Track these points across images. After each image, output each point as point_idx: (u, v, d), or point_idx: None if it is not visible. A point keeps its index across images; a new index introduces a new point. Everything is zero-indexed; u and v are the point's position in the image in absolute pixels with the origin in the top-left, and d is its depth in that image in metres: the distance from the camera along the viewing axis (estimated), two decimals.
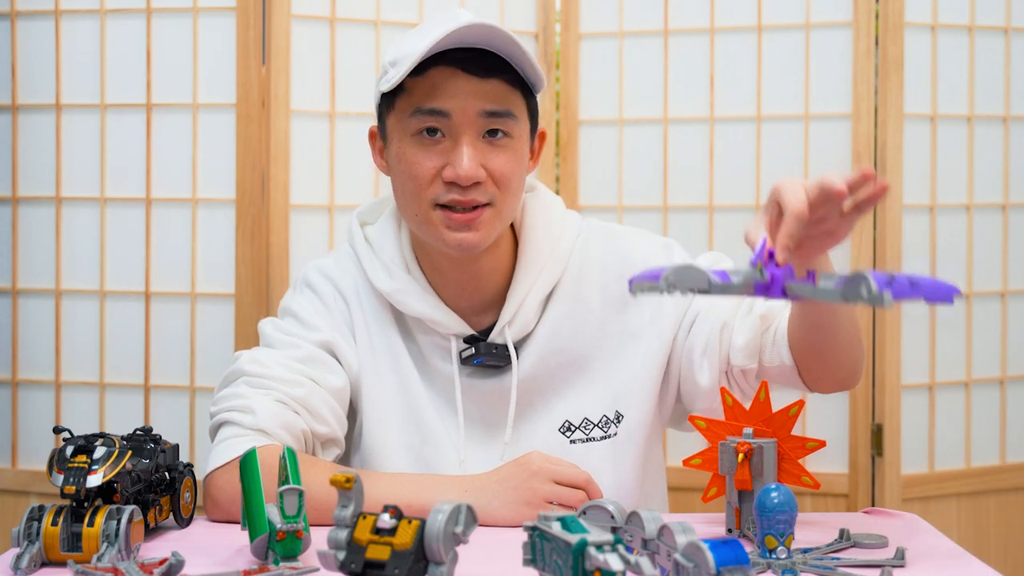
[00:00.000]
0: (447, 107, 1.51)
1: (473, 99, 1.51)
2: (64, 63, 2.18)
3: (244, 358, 1.55)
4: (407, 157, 1.53)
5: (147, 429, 1.37)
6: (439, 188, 1.52)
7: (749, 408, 1.38)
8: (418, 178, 1.52)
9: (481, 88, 1.51)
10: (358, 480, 1.08)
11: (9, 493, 2.20)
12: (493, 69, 1.52)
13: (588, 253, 1.64)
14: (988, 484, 2.28)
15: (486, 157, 1.52)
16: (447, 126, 1.51)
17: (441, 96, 1.51)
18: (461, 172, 1.50)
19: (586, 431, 1.59)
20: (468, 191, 1.51)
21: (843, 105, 2.19)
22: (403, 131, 1.54)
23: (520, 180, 1.57)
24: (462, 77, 1.51)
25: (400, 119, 1.54)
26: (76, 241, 2.18)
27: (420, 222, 1.54)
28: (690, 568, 0.98)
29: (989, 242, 2.27)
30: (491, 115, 1.52)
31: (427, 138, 1.52)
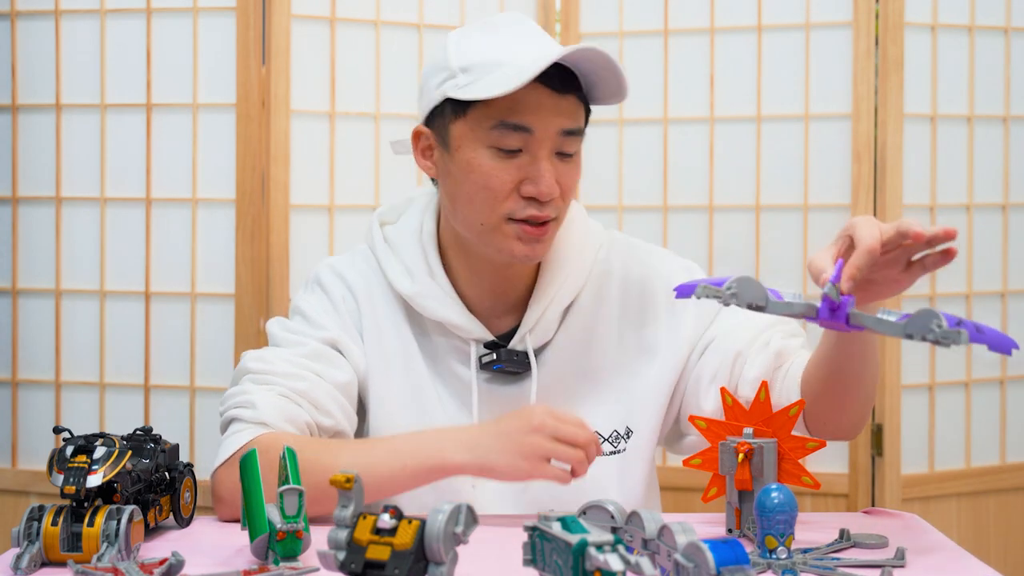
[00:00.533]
0: (530, 123, 1.49)
1: (554, 116, 1.50)
2: (64, 63, 2.18)
3: (248, 357, 1.55)
4: (484, 169, 1.50)
5: (147, 429, 1.37)
6: (516, 203, 1.50)
7: (749, 408, 1.38)
8: (495, 190, 1.50)
9: (560, 105, 1.50)
10: (358, 480, 1.08)
11: (9, 493, 2.20)
12: (569, 85, 1.51)
13: (610, 265, 1.63)
14: (988, 484, 2.28)
15: (560, 172, 1.51)
16: (528, 142, 1.49)
17: (525, 112, 1.49)
18: (543, 189, 1.49)
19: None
20: (545, 207, 1.51)
21: (843, 105, 2.19)
22: (477, 140, 1.51)
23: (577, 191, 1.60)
24: (545, 93, 1.49)
25: (475, 128, 1.51)
26: (76, 241, 2.18)
27: (485, 231, 1.52)
28: (690, 568, 0.98)
29: (989, 242, 2.27)
30: (568, 133, 1.51)
31: (506, 153, 1.50)
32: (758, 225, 2.23)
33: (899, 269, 1.31)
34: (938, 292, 2.23)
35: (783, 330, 1.55)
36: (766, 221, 2.23)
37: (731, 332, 1.56)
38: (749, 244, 2.23)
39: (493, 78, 1.47)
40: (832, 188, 2.20)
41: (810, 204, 2.21)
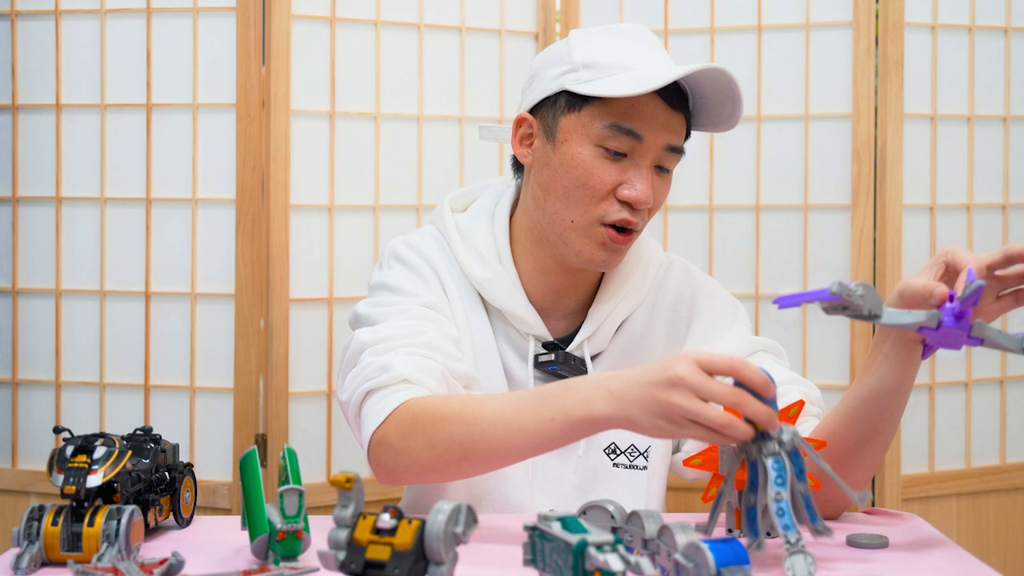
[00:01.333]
0: (642, 131, 1.51)
1: (664, 131, 1.52)
2: (64, 63, 2.18)
3: (359, 335, 1.51)
4: (587, 165, 1.51)
5: (147, 429, 1.37)
6: (611, 205, 1.52)
7: None
8: (594, 189, 1.51)
9: (671, 120, 1.52)
10: (358, 480, 1.08)
11: (9, 493, 2.20)
12: (682, 103, 1.53)
13: (666, 286, 1.66)
14: (988, 484, 2.28)
15: (655, 186, 1.53)
16: (635, 148, 1.51)
17: (639, 119, 1.50)
18: (641, 196, 1.50)
19: (631, 457, 1.60)
20: (636, 214, 1.52)
21: (843, 105, 2.19)
22: (586, 137, 1.52)
23: None
24: (660, 105, 1.51)
25: (587, 124, 1.52)
26: (76, 241, 2.18)
27: (574, 229, 1.52)
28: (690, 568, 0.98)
29: (989, 242, 2.27)
30: (671, 150, 1.53)
31: (612, 155, 1.51)
32: (758, 225, 2.23)
33: (990, 299, 1.30)
34: None
35: (802, 391, 1.53)
36: (766, 221, 2.23)
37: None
38: (749, 244, 2.23)
39: (618, 79, 1.49)
40: (832, 188, 2.20)
41: (810, 204, 2.21)
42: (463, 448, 1.33)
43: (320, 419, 2.17)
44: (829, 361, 2.20)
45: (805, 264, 2.21)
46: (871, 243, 2.18)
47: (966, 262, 1.26)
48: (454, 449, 1.34)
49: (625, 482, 1.58)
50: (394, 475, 1.41)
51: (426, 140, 2.22)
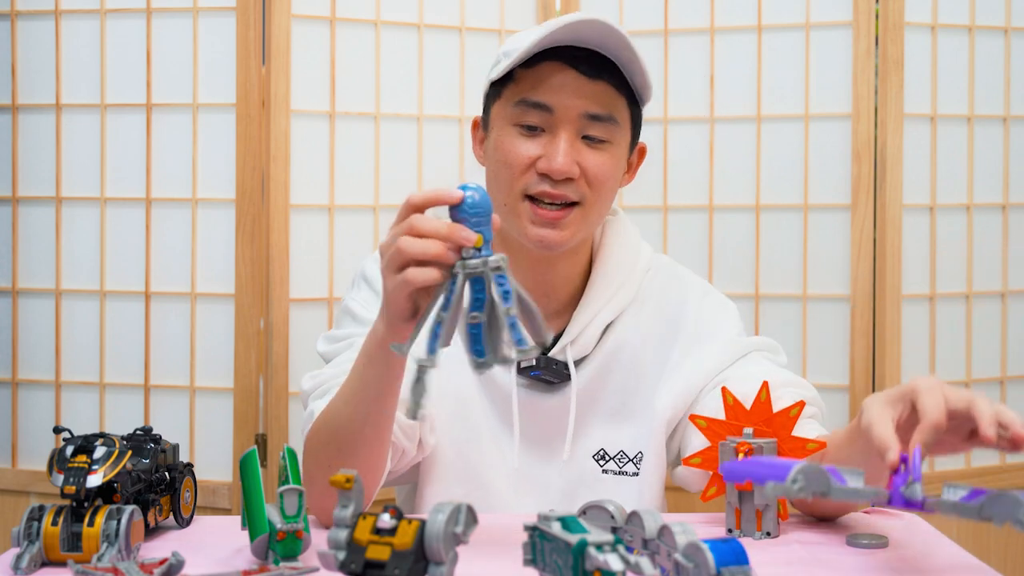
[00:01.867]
0: (550, 101, 1.51)
1: (578, 98, 1.51)
2: (64, 63, 2.18)
3: (304, 380, 1.57)
4: (504, 145, 1.53)
5: (147, 429, 1.37)
6: (531, 178, 1.52)
7: (750, 408, 1.38)
8: (512, 166, 1.52)
9: (587, 88, 1.52)
10: (358, 480, 1.08)
11: (9, 493, 2.20)
12: (602, 71, 1.52)
13: (654, 288, 1.64)
14: (988, 484, 2.26)
15: (582, 155, 1.52)
16: (548, 121, 1.52)
17: (546, 90, 1.51)
18: (555, 165, 1.50)
19: (620, 463, 1.59)
20: (559, 185, 1.51)
21: (843, 105, 2.19)
22: (505, 119, 1.54)
23: (613, 186, 1.57)
24: (571, 74, 1.51)
25: (504, 107, 1.55)
26: (76, 241, 2.18)
27: (507, 212, 1.53)
28: (690, 568, 0.98)
29: (989, 242, 2.27)
30: (593, 118, 1.52)
31: (527, 131, 1.53)
32: (758, 225, 2.23)
33: (960, 438, 1.23)
34: (939, 292, 2.23)
35: (797, 392, 1.50)
36: (766, 221, 2.23)
37: (745, 379, 1.51)
38: (749, 244, 2.23)
39: (515, 56, 1.50)
40: (832, 188, 2.20)
41: (810, 204, 2.21)
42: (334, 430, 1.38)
43: None
44: (829, 361, 2.20)
45: (805, 264, 2.21)
46: (871, 243, 2.18)
47: (928, 414, 1.17)
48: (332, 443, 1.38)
49: (615, 489, 1.56)
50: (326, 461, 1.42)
51: (426, 140, 2.22)
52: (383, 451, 1.41)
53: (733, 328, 1.62)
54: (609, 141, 1.53)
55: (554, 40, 1.50)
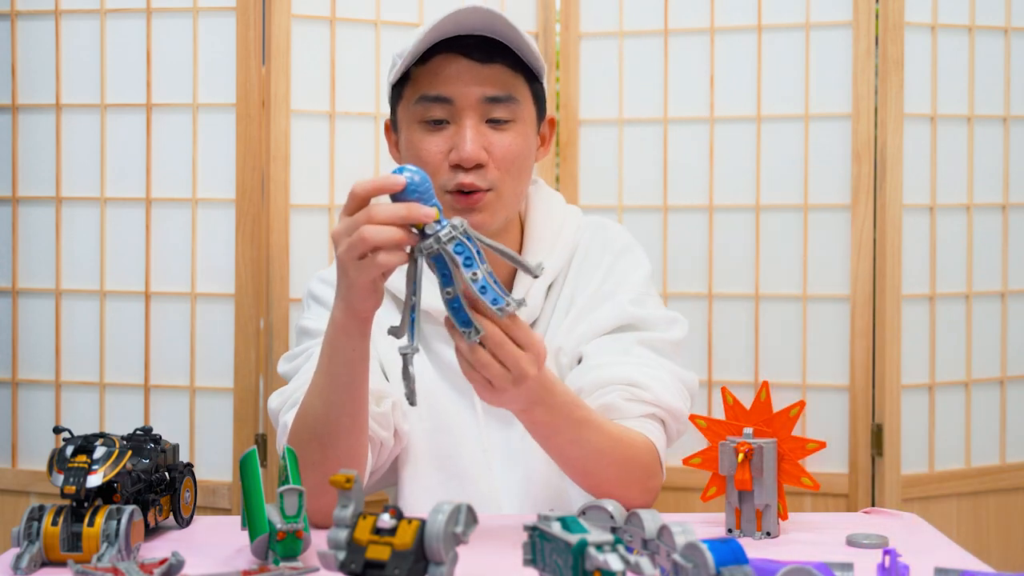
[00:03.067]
0: (449, 93, 1.54)
1: (475, 84, 1.54)
2: (64, 63, 2.18)
3: (271, 399, 1.60)
4: (415, 143, 1.57)
5: (147, 429, 1.37)
6: (447, 174, 1.55)
7: (750, 408, 1.38)
8: (426, 163, 1.55)
9: (482, 73, 1.55)
10: (358, 480, 1.08)
11: (9, 493, 2.20)
12: (494, 54, 1.55)
13: (584, 243, 1.70)
14: (988, 484, 2.28)
15: (489, 139, 1.55)
16: (450, 112, 1.55)
17: (443, 82, 1.55)
18: (464, 155, 1.53)
19: None
20: (471, 174, 1.53)
21: (843, 105, 2.19)
22: (410, 119, 1.57)
23: (526, 163, 1.60)
24: (464, 63, 1.54)
25: (407, 107, 1.58)
26: (76, 241, 2.18)
27: None
28: (690, 568, 0.98)
29: (989, 242, 2.27)
30: (493, 100, 1.55)
31: (432, 126, 1.55)
32: (758, 225, 2.23)
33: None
34: (938, 292, 2.23)
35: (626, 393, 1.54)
36: (766, 221, 2.23)
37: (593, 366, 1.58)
38: (749, 244, 2.23)
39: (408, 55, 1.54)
40: (832, 188, 2.20)
41: (810, 204, 2.21)
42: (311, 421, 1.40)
43: None
44: (829, 361, 2.20)
45: (805, 264, 2.21)
46: (871, 243, 2.18)
47: None
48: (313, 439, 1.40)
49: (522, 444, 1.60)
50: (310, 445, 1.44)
51: None
52: (362, 440, 1.42)
53: (633, 290, 1.65)
54: (513, 120, 1.57)
55: (442, 32, 1.53)
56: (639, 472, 1.49)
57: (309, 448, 1.40)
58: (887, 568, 1.13)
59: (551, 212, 1.69)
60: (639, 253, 1.72)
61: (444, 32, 1.53)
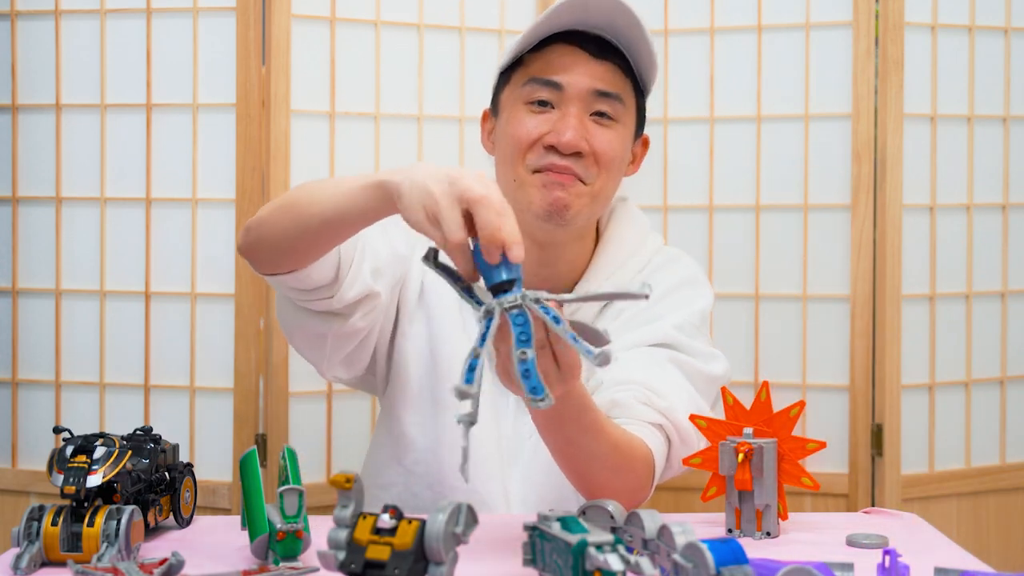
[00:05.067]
0: (560, 79, 1.56)
1: (587, 76, 1.56)
2: (64, 63, 2.18)
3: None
4: (514, 122, 1.58)
5: (147, 429, 1.37)
6: (538, 152, 1.56)
7: (750, 408, 1.38)
8: (520, 140, 1.56)
9: (595, 68, 1.57)
10: (358, 480, 1.08)
11: (9, 493, 2.20)
12: (609, 52, 1.57)
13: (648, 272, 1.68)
14: (988, 484, 2.28)
15: (591, 132, 1.57)
16: (558, 98, 1.57)
17: (555, 68, 1.57)
18: (564, 139, 1.54)
19: None
20: (567, 159, 1.54)
21: (843, 105, 2.19)
22: (515, 100, 1.59)
23: (620, 168, 1.61)
24: (579, 54, 1.57)
25: (514, 90, 1.60)
26: (76, 241, 2.18)
27: (517, 187, 1.57)
28: (690, 568, 0.98)
29: (989, 242, 2.27)
30: (601, 95, 1.57)
31: (537, 107, 1.57)
32: (758, 225, 2.23)
33: None
34: (938, 292, 2.23)
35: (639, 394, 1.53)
36: (766, 221, 2.23)
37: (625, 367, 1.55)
38: (749, 244, 2.23)
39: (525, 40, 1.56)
40: (832, 188, 2.20)
41: (810, 204, 2.21)
42: (292, 204, 1.38)
43: (320, 419, 2.17)
44: (829, 361, 2.20)
45: (805, 264, 2.21)
46: (871, 243, 2.18)
47: None
48: (284, 209, 1.38)
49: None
50: (250, 247, 1.45)
51: (426, 140, 2.22)
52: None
53: (684, 320, 1.64)
54: (616, 120, 1.59)
55: (562, 23, 1.55)
56: (632, 482, 1.46)
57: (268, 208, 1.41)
58: (887, 568, 1.13)
59: (630, 231, 1.68)
60: (702, 290, 1.70)
61: (565, 24, 1.55)
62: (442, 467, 1.63)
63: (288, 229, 1.37)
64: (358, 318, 1.55)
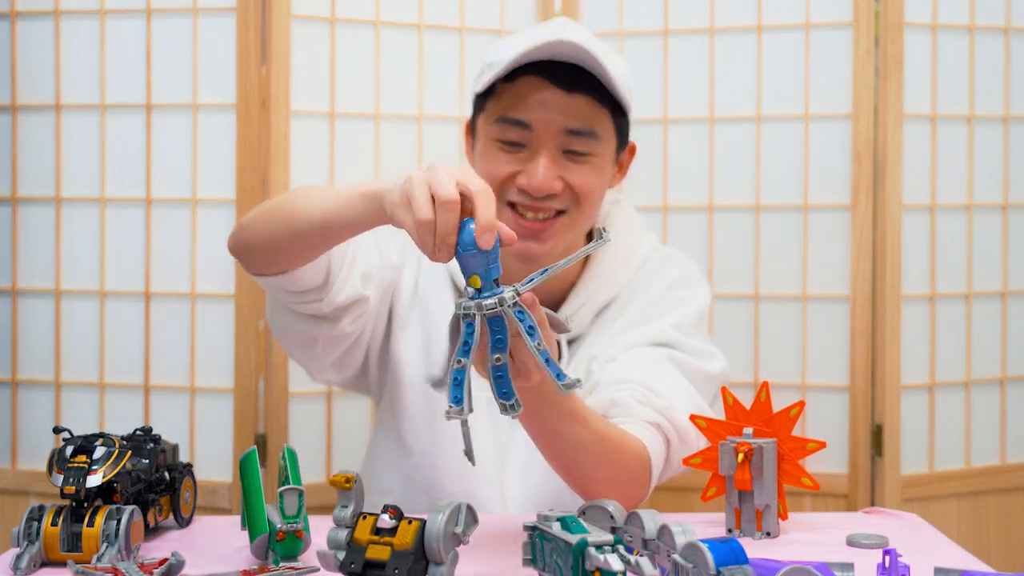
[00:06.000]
0: (529, 119, 1.53)
1: (557, 114, 1.53)
2: (64, 63, 2.18)
3: None
4: (487, 158, 1.57)
5: (147, 429, 1.37)
6: (512, 188, 1.55)
7: (750, 408, 1.38)
8: (493, 178, 1.54)
9: (566, 103, 1.53)
10: (358, 480, 1.08)
11: (9, 493, 2.20)
12: (581, 85, 1.52)
13: (644, 273, 1.68)
14: (988, 484, 2.28)
15: (565, 170, 1.54)
16: (528, 138, 1.54)
17: (525, 107, 1.53)
18: (534, 183, 1.52)
19: None
20: (540, 200, 1.53)
21: (843, 105, 2.19)
22: (488, 134, 1.57)
23: (599, 195, 1.60)
24: (549, 90, 1.52)
25: (487, 122, 1.57)
26: (76, 241, 2.18)
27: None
28: (690, 568, 0.98)
29: (989, 242, 2.27)
30: (573, 133, 1.53)
31: (508, 147, 1.55)
32: (758, 225, 2.23)
33: None
34: (938, 292, 2.23)
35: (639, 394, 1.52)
36: (766, 221, 2.23)
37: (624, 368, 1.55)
38: (749, 244, 2.23)
39: (495, 70, 1.51)
40: (832, 188, 2.20)
41: (810, 204, 2.21)
42: (285, 206, 1.37)
43: (320, 419, 2.17)
44: (829, 361, 2.20)
45: (805, 264, 2.21)
46: (871, 243, 2.18)
47: None
48: (276, 211, 1.38)
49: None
50: (240, 247, 1.45)
51: (426, 140, 2.22)
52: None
53: (683, 319, 1.63)
54: (591, 153, 1.55)
55: (532, 56, 1.51)
56: (623, 476, 1.44)
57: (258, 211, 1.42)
58: (887, 568, 1.13)
59: (626, 232, 1.68)
60: (699, 290, 1.70)
61: (538, 56, 1.51)
62: (439, 473, 1.63)
63: (278, 231, 1.37)
64: (347, 323, 1.55)
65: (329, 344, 1.58)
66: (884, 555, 1.14)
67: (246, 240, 1.43)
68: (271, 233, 1.38)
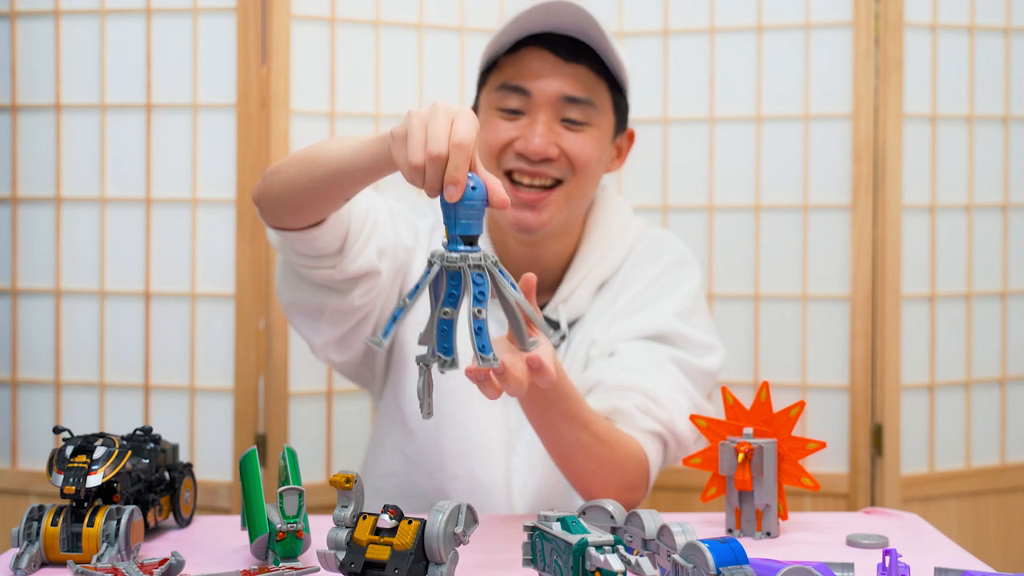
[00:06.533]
0: (528, 85, 1.57)
1: (555, 82, 1.57)
2: (64, 63, 2.18)
3: None
4: (487, 125, 1.60)
5: (147, 429, 1.37)
6: (510, 155, 1.59)
7: (750, 408, 1.38)
8: (491, 145, 1.58)
9: (565, 71, 1.57)
10: (358, 480, 1.08)
11: (9, 493, 2.20)
12: (580, 55, 1.58)
13: (639, 251, 1.71)
14: (988, 484, 2.28)
15: (562, 138, 1.58)
16: (527, 104, 1.58)
17: (525, 75, 1.58)
18: (531, 146, 1.55)
19: None
20: (537, 165, 1.55)
21: (843, 105, 2.19)
22: (491, 104, 1.61)
23: (596, 168, 1.62)
24: (548, 58, 1.57)
25: (488, 93, 1.62)
26: (76, 241, 2.18)
27: None
28: (690, 568, 0.98)
29: (989, 242, 2.27)
30: (571, 100, 1.57)
31: (508, 114, 1.58)
32: (758, 225, 2.23)
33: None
34: (938, 292, 2.23)
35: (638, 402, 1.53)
36: (766, 221, 2.23)
37: (620, 365, 1.57)
38: (749, 244, 2.24)
39: (498, 44, 1.57)
40: (832, 188, 2.20)
41: (810, 204, 2.21)
42: (305, 154, 1.37)
43: (320, 419, 2.17)
44: (829, 361, 2.20)
45: (805, 264, 2.21)
46: (871, 243, 2.18)
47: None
48: (298, 157, 1.37)
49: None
50: (262, 194, 1.45)
51: None
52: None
53: (680, 303, 1.65)
54: (588, 123, 1.59)
55: (532, 27, 1.56)
56: (618, 477, 1.47)
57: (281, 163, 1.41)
58: (887, 568, 1.13)
59: (614, 216, 1.70)
60: (692, 269, 1.72)
61: (533, 25, 1.55)
62: (443, 455, 1.63)
63: (298, 176, 1.37)
64: (357, 295, 1.56)
65: (336, 317, 1.58)
66: (884, 555, 1.14)
67: (268, 187, 1.43)
68: (291, 178, 1.38)
